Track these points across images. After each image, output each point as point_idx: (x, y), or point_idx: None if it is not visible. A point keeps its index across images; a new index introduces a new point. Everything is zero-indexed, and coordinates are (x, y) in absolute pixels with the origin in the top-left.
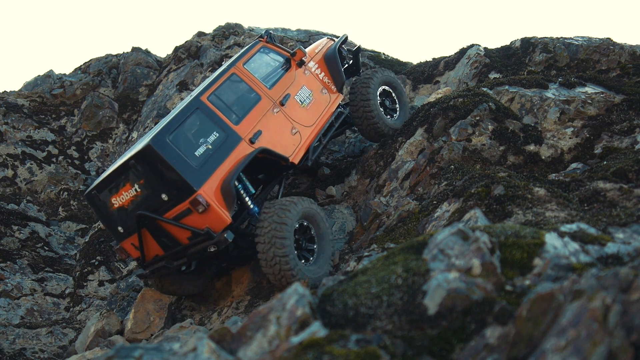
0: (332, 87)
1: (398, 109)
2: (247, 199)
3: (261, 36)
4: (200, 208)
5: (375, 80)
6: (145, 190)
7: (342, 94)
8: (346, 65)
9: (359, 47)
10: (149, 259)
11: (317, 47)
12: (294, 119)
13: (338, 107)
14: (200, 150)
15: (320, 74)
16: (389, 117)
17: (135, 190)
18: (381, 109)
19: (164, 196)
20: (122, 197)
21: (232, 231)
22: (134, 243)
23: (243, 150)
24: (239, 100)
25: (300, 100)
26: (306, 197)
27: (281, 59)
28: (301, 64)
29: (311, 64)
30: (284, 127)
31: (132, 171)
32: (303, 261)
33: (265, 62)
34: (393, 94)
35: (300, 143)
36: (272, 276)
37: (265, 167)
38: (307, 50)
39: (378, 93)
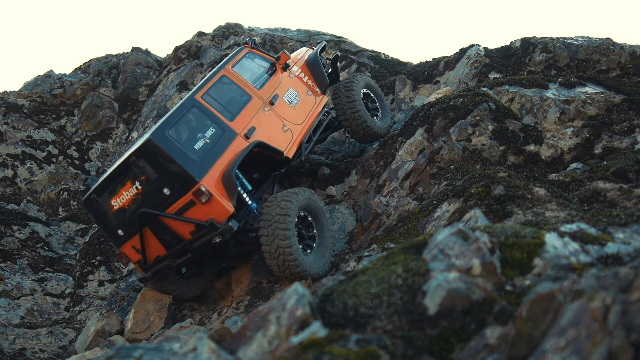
0: (317, 89)
1: (379, 109)
2: (244, 195)
3: (246, 43)
4: (204, 198)
5: (358, 84)
6: (147, 187)
7: (326, 96)
8: (325, 73)
9: (336, 55)
10: (150, 260)
11: (299, 54)
12: (284, 117)
13: (324, 108)
14: (199, 144)
15: (304, 77)
16: (374, 117)
17: (136, 188)
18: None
19: (165, 190)
20: (123, 198)
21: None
22: (134, 246)
23: (240, 145)
24: (231, 100)
25: (288, 101)
26: (306, 188)
27: (266, 64)
28: (286, 67)
29: (295, 69)
30: (275, 124)
31: (132, 168)
32: (307, 250)
33: (252, 66)
34: (373, 96)
35: (293, 139)
36: (275, 267)
37: (259, 164)
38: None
39: (361, 96)
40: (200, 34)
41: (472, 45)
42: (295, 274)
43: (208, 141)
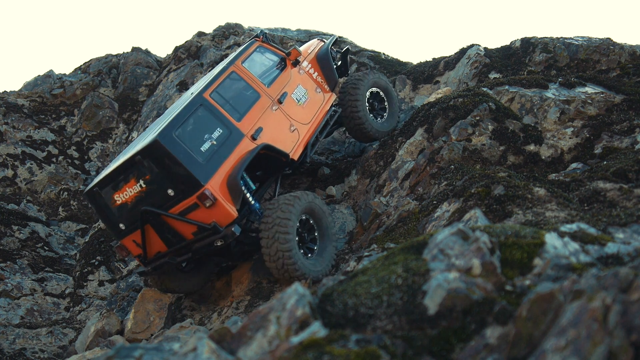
0: (325, 86)
1: (386, 111)
2: (248, 195)
3: (257, 36)
4: (208, 202)
5: (365, 82)
6: (150, 186)
7: (335, 93)
8: (334, 66)
9: (347, 48)
10: (150, 256)
11: (309, 47)
12: (291, 117)
13: (331, 106)
14: (205, 146)
15: (313, 73)
16: (378, 118)
17: (140, 186)
18: (368, 111)
19: (170, 191)
20: (126, 194)
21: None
22: (135, 240)
23: (246, 147)
24: (239, 98)
25: (296, 99)
26: (309, 192)
27: (276, 59)
28: (296, 63)
29: (304, 64)
30: (283, 125)
31: (137, 167)
32: (308, 254)
33: (262, 61)
34: (383, 96)
35: (299, 140)
36: (275, 270)
37: (264, 164)
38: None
39: (367, 95)
40: (200, 34)
41: (472, 45)
42: (294, 277)
43: (214, 142)
